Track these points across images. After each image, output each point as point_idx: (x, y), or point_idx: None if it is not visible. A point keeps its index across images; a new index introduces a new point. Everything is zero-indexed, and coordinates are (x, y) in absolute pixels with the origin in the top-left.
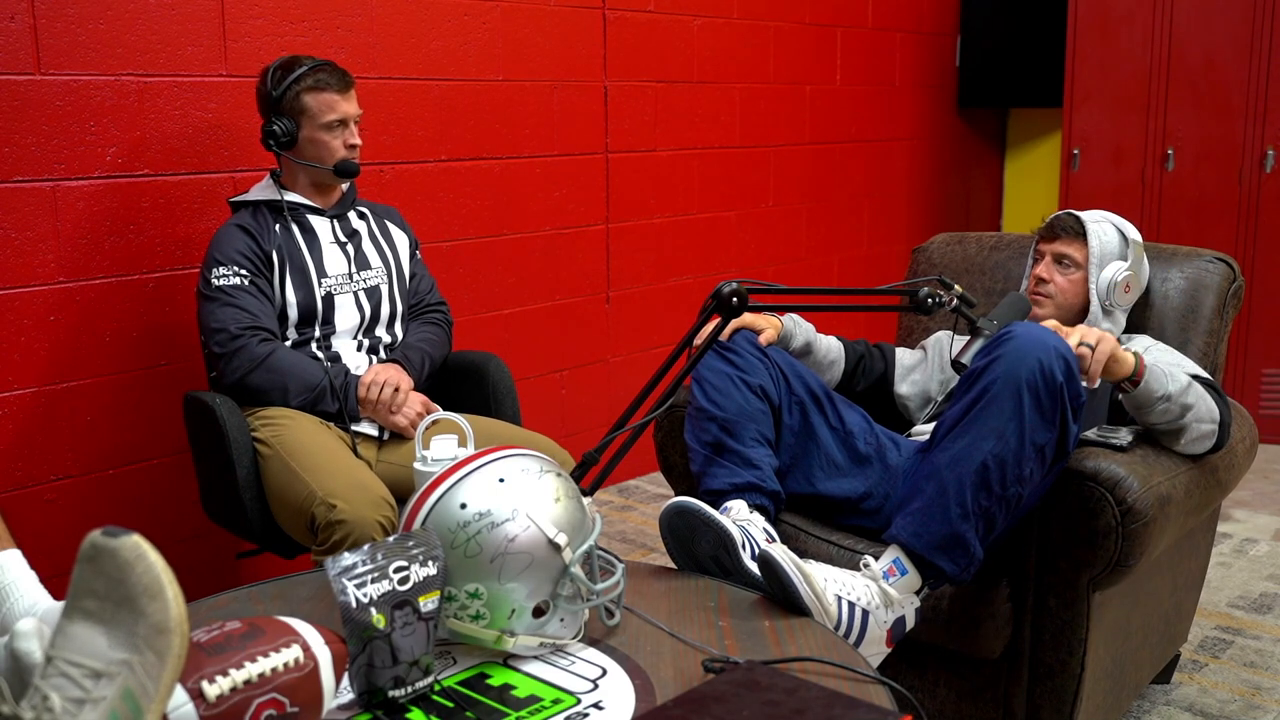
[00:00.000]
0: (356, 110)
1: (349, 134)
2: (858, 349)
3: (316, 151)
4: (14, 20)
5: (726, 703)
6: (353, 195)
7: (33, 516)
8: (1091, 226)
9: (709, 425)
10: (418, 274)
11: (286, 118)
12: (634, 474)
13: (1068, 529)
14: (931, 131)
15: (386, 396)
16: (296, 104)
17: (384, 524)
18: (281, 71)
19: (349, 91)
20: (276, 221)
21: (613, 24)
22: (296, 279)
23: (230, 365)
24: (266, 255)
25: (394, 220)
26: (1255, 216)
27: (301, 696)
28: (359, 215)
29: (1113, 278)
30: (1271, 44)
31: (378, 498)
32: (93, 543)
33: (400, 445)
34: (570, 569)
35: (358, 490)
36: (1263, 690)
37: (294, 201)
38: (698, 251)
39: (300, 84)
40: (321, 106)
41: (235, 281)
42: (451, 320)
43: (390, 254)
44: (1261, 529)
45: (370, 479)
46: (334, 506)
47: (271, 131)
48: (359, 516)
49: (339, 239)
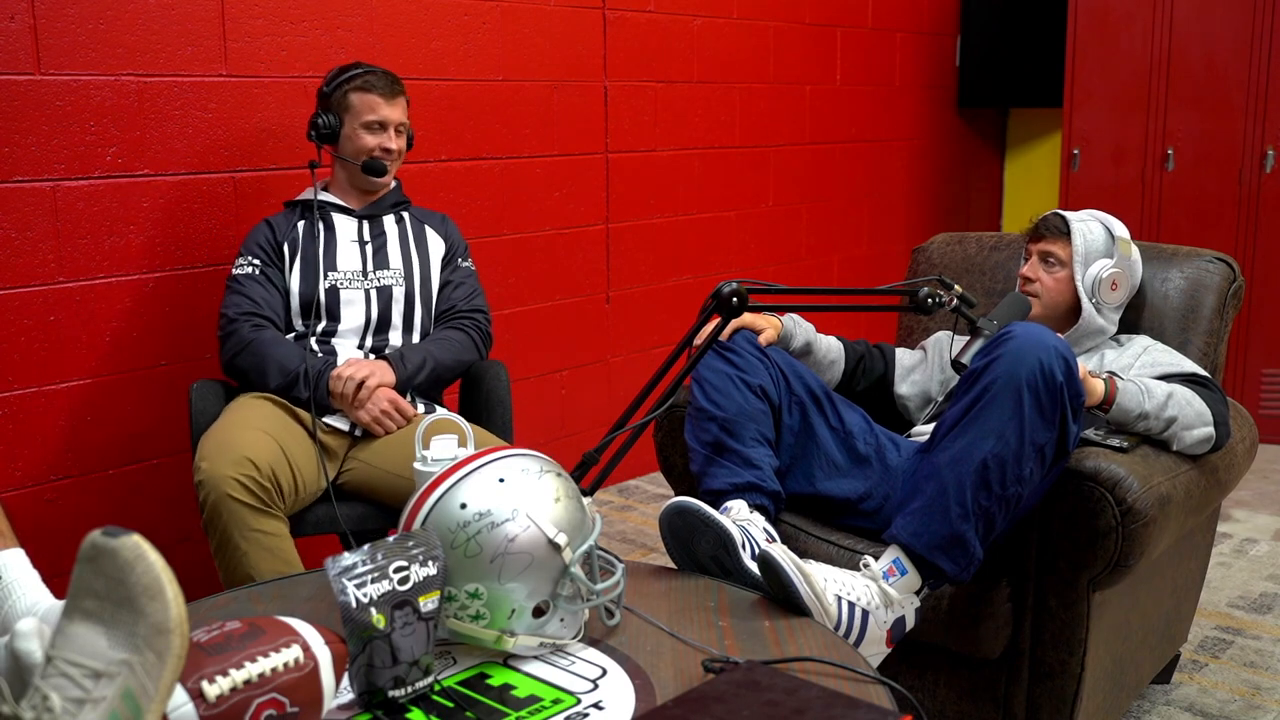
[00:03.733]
0: (399, 117)
1: (386, 138)
2: (858, 349)
3: (352, 147)
4: (14, 20)
5: (726, 703)
6: (395, 199)
7: (33, 516)
8: (1076, 225)
9: (709, 425)
10: (453, 281)
11: (332, 113)
12: (634, 474)
13: (1068, 529)
14: (931, 131)
15: (349, 391)
16: (343, 101)
17: (242, 481)
18: (338, 71)
19: (395, 98)
20: (303, 217)
21: (613, 24)
22: (303, 269)
23: (224, 348)
24: (279, 246)
25: (436, 226)
26: (1255, 216)
27: (301, 696)
28: (396, 219)
29: (1098, 274)
30: (1271, 44)
31: (239, 456)
32: (93, 543)
33: (370, 444)
34: (570, 569)
35: (220, 449)
36: (1263, 690)
37: (323, 200)
38: (698, 251)
39: (350, 83)
40: (363, 105)
41: (248, 271)
42: (485, 329)
43: (417, 258)
44: (1261, 529)
45: (250, 440)
46: (199, 467)
47: (314, 123)
48: (214, 474)
49: (361, 238)
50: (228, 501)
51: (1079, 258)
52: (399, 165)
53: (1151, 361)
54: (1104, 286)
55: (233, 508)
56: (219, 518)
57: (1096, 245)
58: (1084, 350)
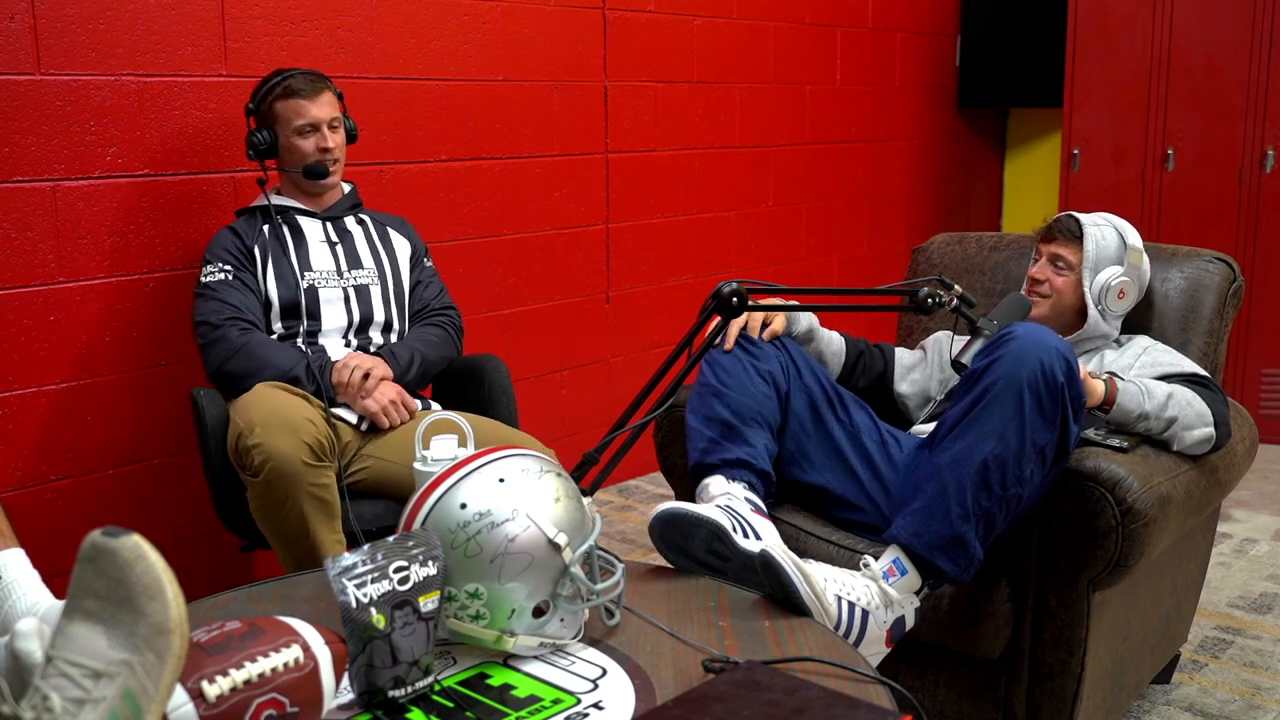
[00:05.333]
0: (328, 114)
1: (320, 138)
2: (858, 346)
3: (291, 157)
4: (14, 20)
5: (726, 703)
6: (351, 202)
7: (33, 516)
8: (1089, 229)
9: (712, 400)
10: (423, 281)
11: (265, 127)
12: (634, 474)
13: (1068, 529)
14: (931, 131)
15: (356, 380)
16: (270, 112)
17: (309, 443)
18: (261, 83)
19: (318, 95)
20: (266, 223)
21: (613, 24)
22: (279, 272)
23: (211, 355)
24: (250, 251)
25: (397, 228)
26: (1255, 216)
27: (301, 696)
28: (357, 220)
29: (1106, 282)
30: (1271, 44)
31: (296, 419)
32: (93, 543)
33: (380, 439)
34: (570, 569)
35: (271, 415)
36: (1263, 690)
37: (281, 204)
38: (698, 251)
39: (272, 93)
40: (289, 112)
41: (220, 277)
42: (459, 325)
43: (387, 258)
44: (1261, 529)
45: (294, 404)
46: (252, 432)
47: (250, 140)
48: (271, 442)
49: (329, 238)
50: (291, 463)
51: (1089, 263)
52: (342, 163)
53: (1152, 362)
54: (1111, 295)
55: (296, 469)
56: (278, 481)
57: (1108, 252)
58: (1084, 351)
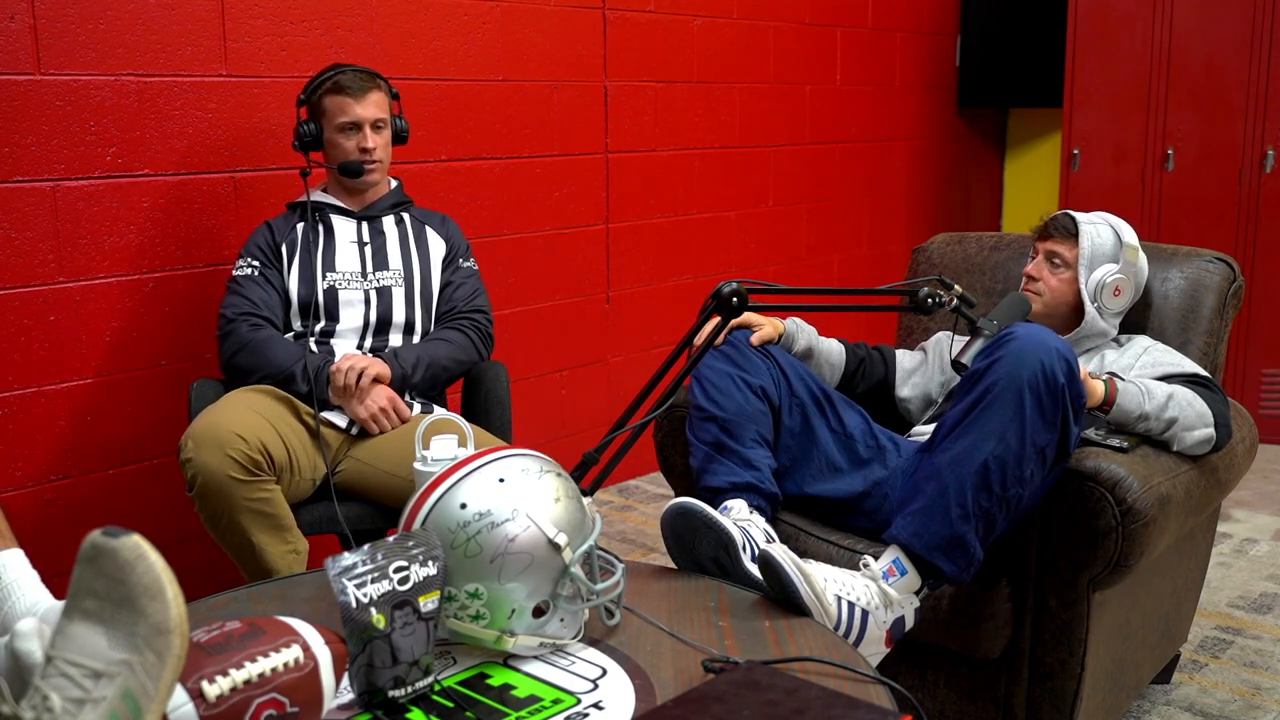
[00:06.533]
0: (373, 114)
1: (362, 138)
2: (858, 353)
3: (333, 152)
4: (14, 20)
5: (726, 703)
6: (394, 200)
7: (33, 516)
8: (1085, 227)
9: (708, 425)
10: (454, 282)
11: (312, 120)
12: (634, 474)
13: (1068, 529)
14: (931, 131)
15: (353, 382)
16: (319, 106)
17: (232, 456)
18: (316, 76)
19: (365, 95)
20: (302, 219)
21: (613, 24)
22: (302, 270)
23: (223, 348)
24: (278, 247)
25: (436, 226)
26: (1255, 216)
27: (301, 696)
28: (396, 220)
29: (1101, 280)
30: (1271, 44)
31: (226, 433)
32: (93, 543)
33: (366, 442)
34: (570, 569)
35: (205, 429)
36: (1263, 690)
37: (319, 201)
38: (698, 251)
39: (322, 87)
40: (335, 108)
41: (247, 272)
42: (486, 329)
43: (418, 259)
44: (1261, 529)
45: (236, 418)
46: (184, 446)
47: (297, 131)
48: (200, 455)
49: (361, 239)
50: (218, 478)
51: (1084, 261)
52: (386, 164)
53: (1152, 362)
54: (1107, 292)
55: (223, 483)
56: (210, 495)
57: (1103, 250)
58: (1084, 351)
